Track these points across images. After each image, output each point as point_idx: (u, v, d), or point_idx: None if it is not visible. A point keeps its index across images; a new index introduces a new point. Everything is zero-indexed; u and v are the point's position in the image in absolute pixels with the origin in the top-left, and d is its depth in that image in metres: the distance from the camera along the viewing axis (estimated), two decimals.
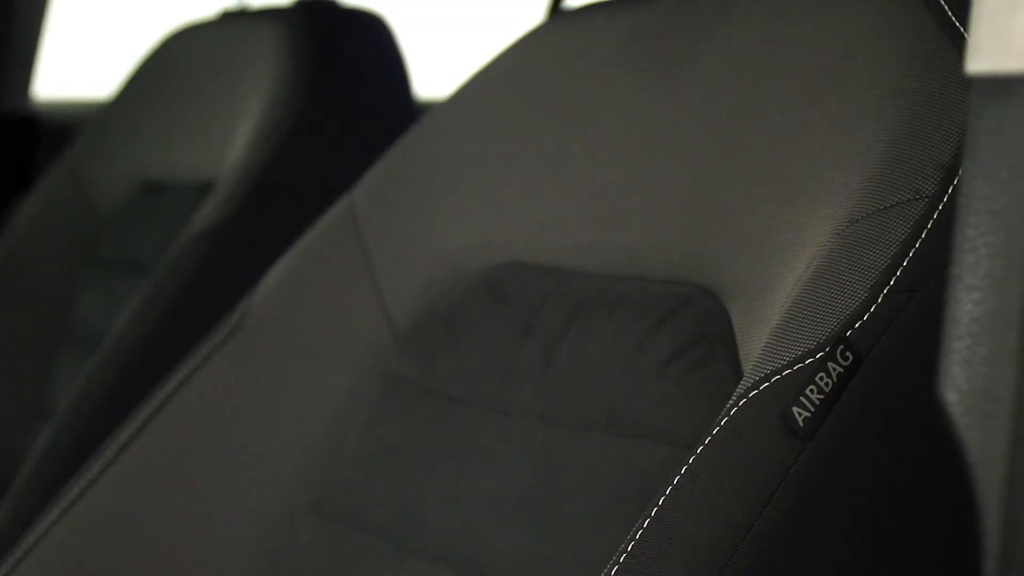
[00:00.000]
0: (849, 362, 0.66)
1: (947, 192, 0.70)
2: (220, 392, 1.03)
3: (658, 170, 0.88)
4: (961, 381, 0.44)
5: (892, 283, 0.67)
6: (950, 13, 0.77)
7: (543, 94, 1.00)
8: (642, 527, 0.65)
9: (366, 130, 1.49)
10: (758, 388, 0.67)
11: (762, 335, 0.73)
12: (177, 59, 1.72)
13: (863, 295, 0.67)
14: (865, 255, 0.69)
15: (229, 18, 1.69)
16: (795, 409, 0.66)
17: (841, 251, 0.70)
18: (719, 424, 0.67)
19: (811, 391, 0.66)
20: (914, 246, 0.68)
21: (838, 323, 0.67)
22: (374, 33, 1.57)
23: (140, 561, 1.00)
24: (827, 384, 0.66)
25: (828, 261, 0.70)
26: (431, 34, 2.03)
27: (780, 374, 0.67)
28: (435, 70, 1.86)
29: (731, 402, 0.67)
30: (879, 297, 0.67)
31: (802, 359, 0.67)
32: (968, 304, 0.45)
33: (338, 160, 1.44)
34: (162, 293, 1.39)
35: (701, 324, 0.81)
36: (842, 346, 0.66)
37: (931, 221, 0.69)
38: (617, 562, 0.65)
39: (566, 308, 0.90)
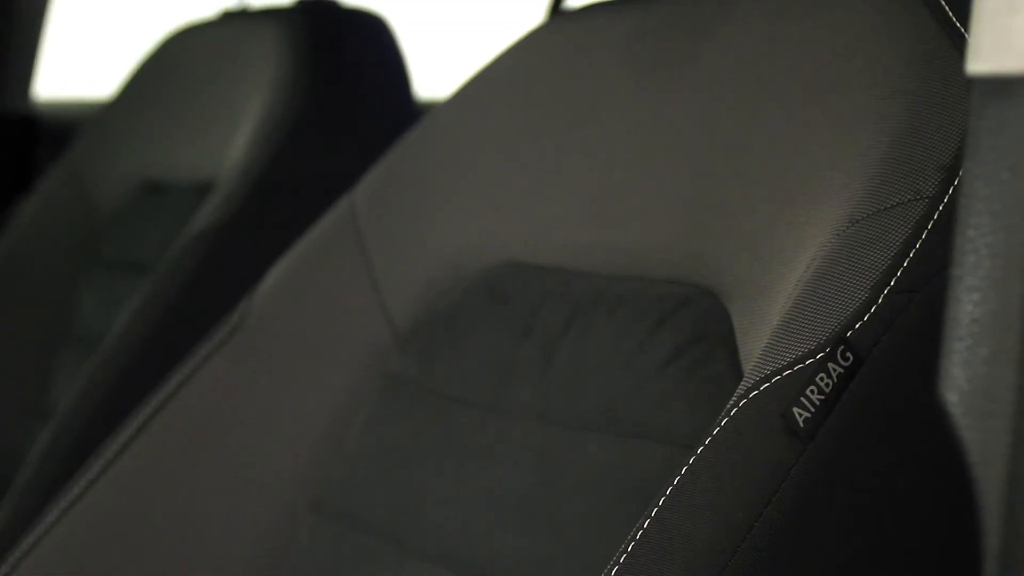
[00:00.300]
0: (849, 362, 0.66)
1: (948, 193, 0.70)
2: (220, 392, 1.03)
3: (658, 170, 0.88)
4: (962, 381, 0.44)
5: (893, 283, 0.67)
6: (950, 13, 0.77)
7: (544, 94, 1.00)
8: (642, 527, 0.65)
9: (366, 130, 1.49)
10: (758, 388, 0.67)
11: (762, 335, 0.73)
12: (178, 59, 1.72)
13: (863, 295, 0.67)
14: (866, 255, 0.69)
15: (230, 18, 1.69)
16: (795, 410, 0.66)
17: (842, 251, 0.70)
18: (719, 424, 0.67)
19: (811, 391, 0.66)
20: (915, 247, 0.68)
21: (838, 323, 0.67)
22: (375, 33, 1.57)
23: (140, 561, 1.00)
24: (827, 384, 0.66)
25: (829, 261, 0.70)
26: (432, 34, 2.03)
27: (780, 374, 0.67)
28: (436, 70, 1.86)
29: (731, 402, 0.67)
30: (880, 298, 0.67)
31: (802, 359, 0.67)
32: (969, 305, 0.45)
33: (338, 160, 1.44)
34: (162, 293, 1.39)
35: (701, 324, 0.81)
36: (842, 346, 0.66)
37: (932, 222, 0.69)
38: (617, 562, 0.65)
39: (566, 308, 0.90)
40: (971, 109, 0.46)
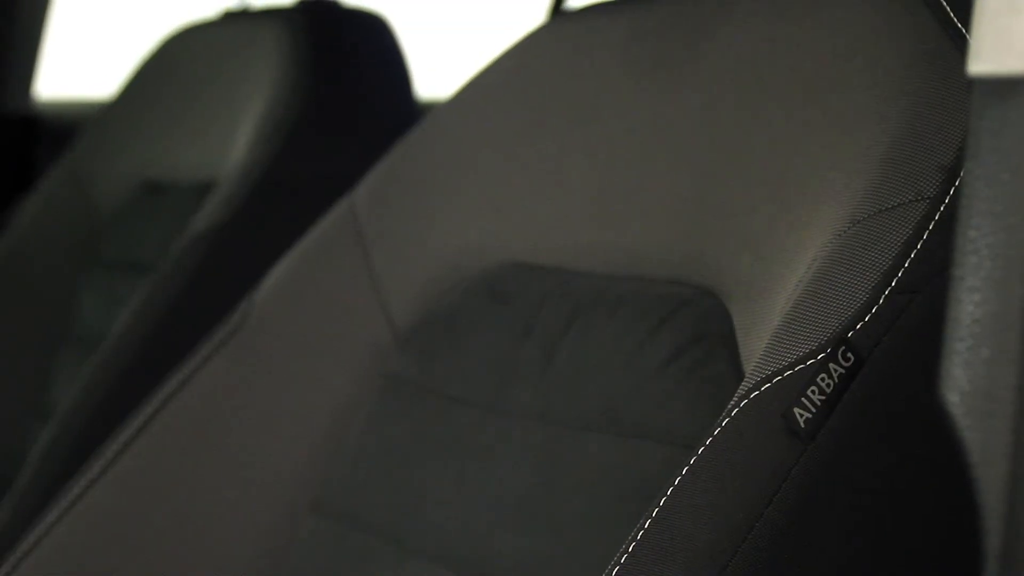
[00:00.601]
0: (850, 363, 0.66)
1: (949, 193, 0.70)
2: (220, 392, 1.03)
3: (658, 170, 0.88)
4: (962, 382, 0.44)
5: (893, 284, 0.67)
6: (951, 13, 0.77)
7: (544, 95, 1.00)
8: (643, 528, 0.65)
9: (367, 130, 1.49)
10: (759, 389, 0.67)
11: (763, 336, 0.73)
12: (178, 59, 1.72)
13: (864, 296, 0.67)
14: (866, 256, 0.69)
15: (231, 18, 1.69)
16: (796, 410, 0.66)
17: (842, 252, 0.70)
18: (720, 425, 0.67)
19: (812, 392, 0.66)
20: (916, 247, 0.68)
21: (839, 324, 0.67)
22: (375, 33, 1.57)
23: (140, 561, 1.00)
24: (828, 385, 0.66)
25: (829, 262, 0.70)
26: (432, 34, 2.03)
27: (781, 375, 0.67)
28: (436, 70, 1.86)
29: (732, 403, 0.67)
30: (880, 298, 0.67)
31: (803, 360, 0.67)
32: (970, 305, 0.45)
33: (339, 160, 1.44)
34: (163, 293, 1.39)
35: (701, 324, 0.81)
36: (843, 347, 0.66)
37: (932, 222, 0.69)
38: (618, 563, 0.65)
39: (566, 308, 0.90)
40: (972, 110, 0.46)
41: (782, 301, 0.73)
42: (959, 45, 0.75)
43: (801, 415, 0.65)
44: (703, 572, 0.64)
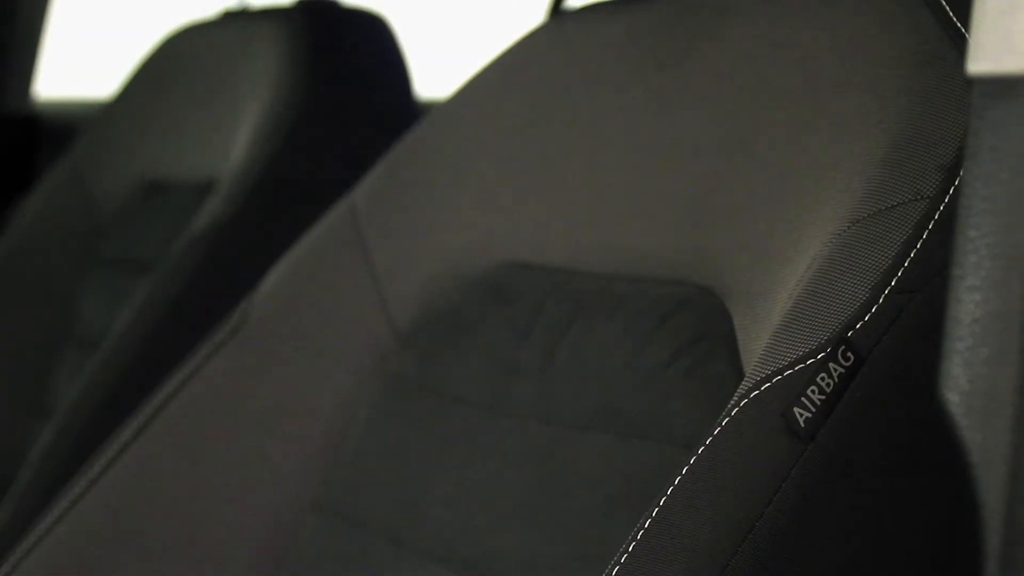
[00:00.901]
0: (850, 362, 0.66)
1: (948, 193, 0.70)
2: (221, 392, 1.03)
3: (659, 170, 0.89)
4: (962, 382, 0.44)
5: (893, 284, 0.67)
6: (951, 13, 0.77)
7: (544, 94, 1.00)
8: (643, 527, 0.65)
9: (367, 130, 1.49)
10: (759, 388, 0.67)
11: (763, 335, 0.73)
12: (179, 59, 1.72)
13: (864, 296, 0.67)
14: (866, 256, 0.69)
15: (231, 18, 1.69)
16: (796, 409, 0.66)
17: (842, 252, 0.70)
18: (720, 424, 0.67)
19: (812, 391, 0.66)
20: (915, 247, 0.68)
21: (839, 323, 0.67)
22: (375, 33, 1.57)
23: (141, 560, 1.00)
24: (828, 384, 0.66)
25: (829, 262, 0.70)
26: (432, 34, 2.03)
27: (781, 374, 0.67)
28: (436, 70, 1.86)
29: (732, 402, 0.67)
30: (880, 298, 0.67)
31: (803, 359, 0.67)
32: (969, 305, 0.45)
33: (339, 160, 1.44)
34: (164, 293, 1.39)
35: (701, 324, 0.81)
36: (843, 346, 0.66)
37: (932, 222, 0.69)
38: (618, 562, 0.65)
39: (567, 308, 0.90)
40: (972, 109, 0.46)
41: (782, 301, 0.73)
42: (959, 45, 0.75)
43: (801, 415, 0.65)
44: (703, 571, 0.64)
